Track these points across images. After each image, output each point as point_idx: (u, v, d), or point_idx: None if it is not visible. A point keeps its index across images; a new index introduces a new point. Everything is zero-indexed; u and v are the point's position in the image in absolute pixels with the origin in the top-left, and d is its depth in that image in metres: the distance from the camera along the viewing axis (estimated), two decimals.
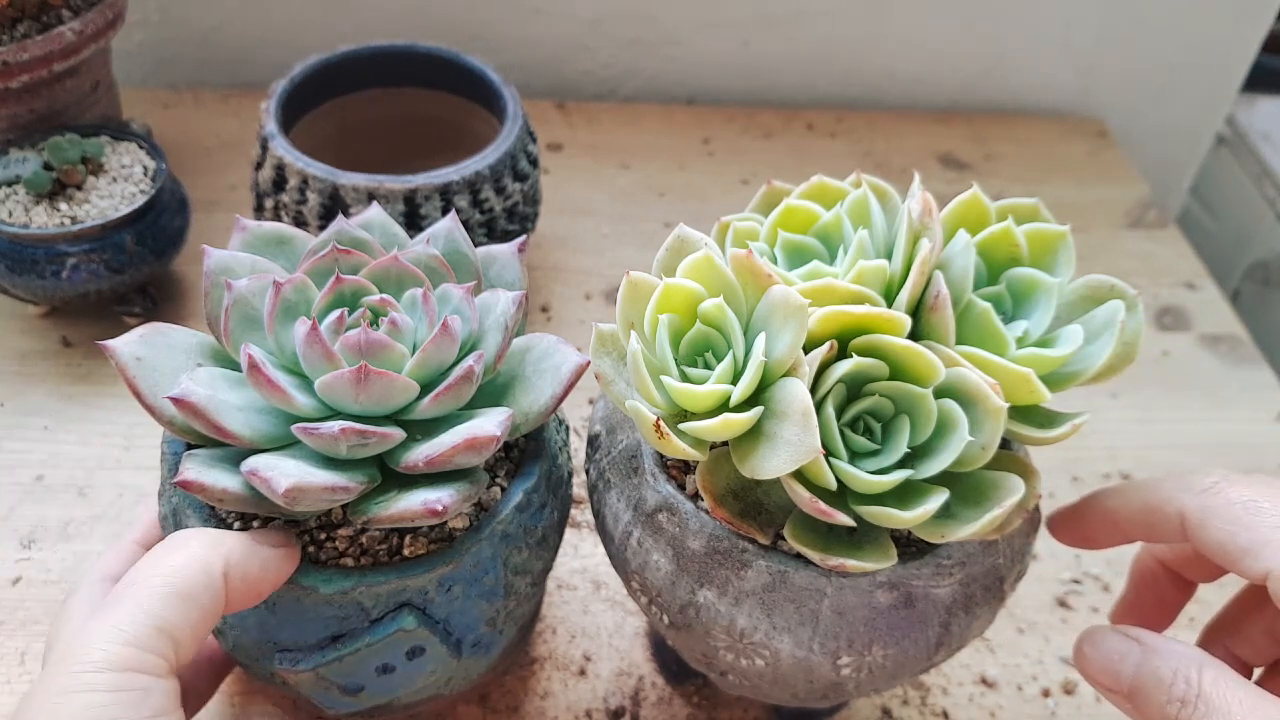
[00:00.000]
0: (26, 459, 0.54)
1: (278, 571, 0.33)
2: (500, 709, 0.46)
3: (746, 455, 0.33)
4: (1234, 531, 0.32)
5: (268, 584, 0.33)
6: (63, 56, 0.57)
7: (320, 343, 0.33)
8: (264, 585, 0.32)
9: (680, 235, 0.36)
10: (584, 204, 0.73)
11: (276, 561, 0.33)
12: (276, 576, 0.33)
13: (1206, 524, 0.33)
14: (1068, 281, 0.37)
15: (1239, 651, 0.38)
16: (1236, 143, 0.92)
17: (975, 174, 0.80)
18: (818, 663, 0.35)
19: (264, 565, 0.32)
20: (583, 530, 0.54)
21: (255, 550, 0.32)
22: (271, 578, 0.33)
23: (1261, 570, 0.32)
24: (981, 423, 0.32)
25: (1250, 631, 0.37)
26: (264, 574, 0.32)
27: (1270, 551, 0.31)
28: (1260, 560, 0.32)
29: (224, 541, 0.32)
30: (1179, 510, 0.34)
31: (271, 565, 0.33)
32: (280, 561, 0.33)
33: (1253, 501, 0.33)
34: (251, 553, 0.32)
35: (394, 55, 0.63)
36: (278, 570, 0.33)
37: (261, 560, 0.32)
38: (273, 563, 0.33)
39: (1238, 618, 0.38)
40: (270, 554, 0.33)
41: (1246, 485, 0.34)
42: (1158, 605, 0.40)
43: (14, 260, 0.54)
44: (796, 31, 0.82)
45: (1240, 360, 0.68)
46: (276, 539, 0.33)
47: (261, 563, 0.32)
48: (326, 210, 0.54)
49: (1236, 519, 0.32)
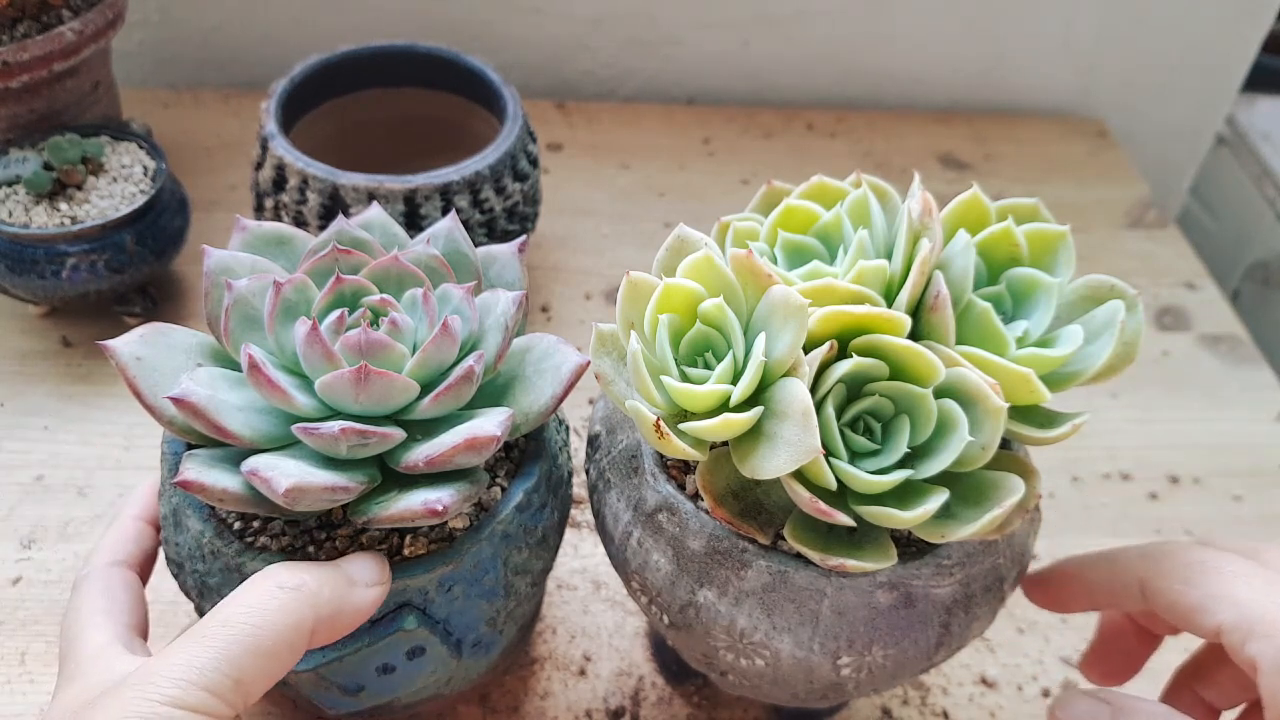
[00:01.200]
0: (26, 459, 0.54)
1: (365, 614, 0.32)
2: (500, 709, 0.46)
3: (746, 455, 0.33)
4: (1184, 590, 0.33)
5: (352, 626, 0.32)
6: (63, 56, 0.57)
7: (320, 343, 0.33)
8: (350, 629, 0.32)
9: (680, 235, 0.36)
10: (584, 204, 0.73)
11: (368, 605, 0.32)
12: (362, 618, 0.32)
13: (1160, 587, 0.34)
14: (1068, 281, 0.37)
15: (1207, 696, 0.38)
16: (1236, 143, 0.92)
17: (975, 174, 0.80)
18: (818, 663, 0.35)
19: (357, 612, 0.32)
20: (583, 530, 0.54)
21: (349, 599, 0.31)
22: (359, 620, 0.32)
23: (1213, 625, 0.33)
24: (981, 423, 0.32)
25: (1216, 678, 0.38)
26: (356, 620, 0.32)
27: (1219, 605, 0.32)
28: (1211, 615, 0.33)
29: (320, 594, 0.31)
30: (1138, 578, 0.35)
31: (363, 609, 0.32)
32: (371, 605, 0.32)
33: (1201, 562, 0.34)
34: (344, 602, 0.31)
35: (394, 55, 0.63)
36: (366, 613, 0.32)
37: (354, 609, 0.32)
38: (366, 608, 0.32)
39: (1204, 665, 0.38)
40: (365, 600, 0.32)
41: (1199, 549, 0.35)
42: (1125, 657, 0.41)
43: (14, 260, 0.54)
44: (796, 31, 0.82)
45: (1240, 360, 0.68)
46: (372, 575, 0.33)
47: (355, 611, 0.32)
48: (326, 210, 0.54)
49: (1187, 579, 0.34)
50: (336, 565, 0.33)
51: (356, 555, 0.33)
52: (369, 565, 0.33)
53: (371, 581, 0.33)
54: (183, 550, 0.36)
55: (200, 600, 0.37)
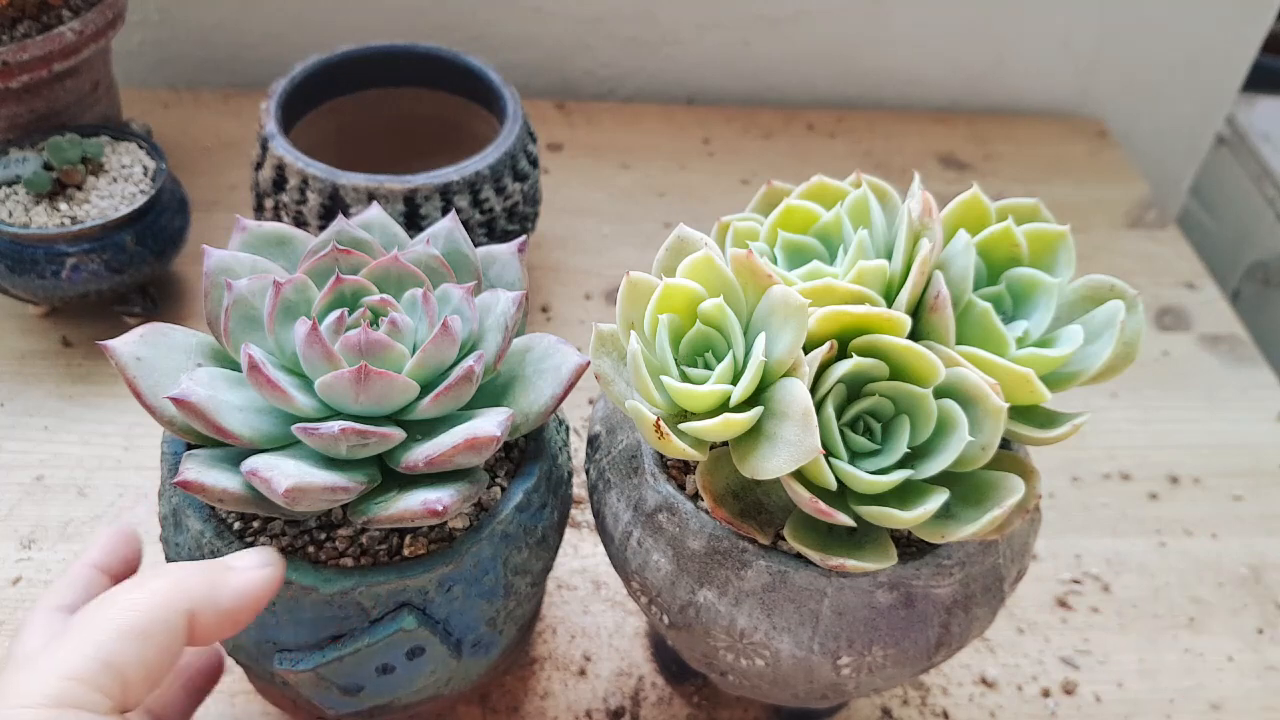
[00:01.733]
0: (26, 459, 0.54)
1: (256, 597, 0.31)
2: (500, 709, 0.46)
3: (746, 455, 0.33)
4: None
5: (246, 611, 0.31)
6: (63, 56, 0.57)
7: (320, 343, 0.33)
8: (242, 614, 0.31)
9: (680, 235, 0.36)
10: (584, 204, 0.73)
11: (253, 587, 0.31)
12: (255, 602, 0.32)
13: None
14: (1068, 281, 0.37)
15: None
16: (1236, 143, 0.92)
17: (975, 174, 0.80)
18: (818, 663, 0.35)
19: (237, 594, 0.31)
20: (583, 530, 0.54)
21: (224, 582, 0.31)
22: (250, 604, 0.31)
23: None
24: (981, 423, 0.32)
25: None
26: (239, 602, 0.31)
27: None
28: None
29: (189, 579, 0.30)
30: None
31: (247, 592, 0.31)
32: (258, 586, 0.32)
33: None
34: (218, 585, 0.31)
35: (394, 55, 0.63)
36: (256, 595, 0.31)
37: (233, 591, 0.31)
38: (249, 589, 0.31)
39: None
40: (244, 581, 0.31)
41: None
42: None
43: (14, 260, 0.54)
44: (796, 31, 0.82)
45: (1240, 360, 0.68)
46: (253, 560, 0.32)
47: (234, 593, 0.31)
48: (326, 210, 0.54)
49: None
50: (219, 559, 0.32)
51: (241, 551, 0.33)
52: (252, 552, 0.33)
53: (254, 565, 0.32)
54: (183, 550, 0.36)
55: None
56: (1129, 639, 0.51)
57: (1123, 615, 0.52)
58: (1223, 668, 0.51)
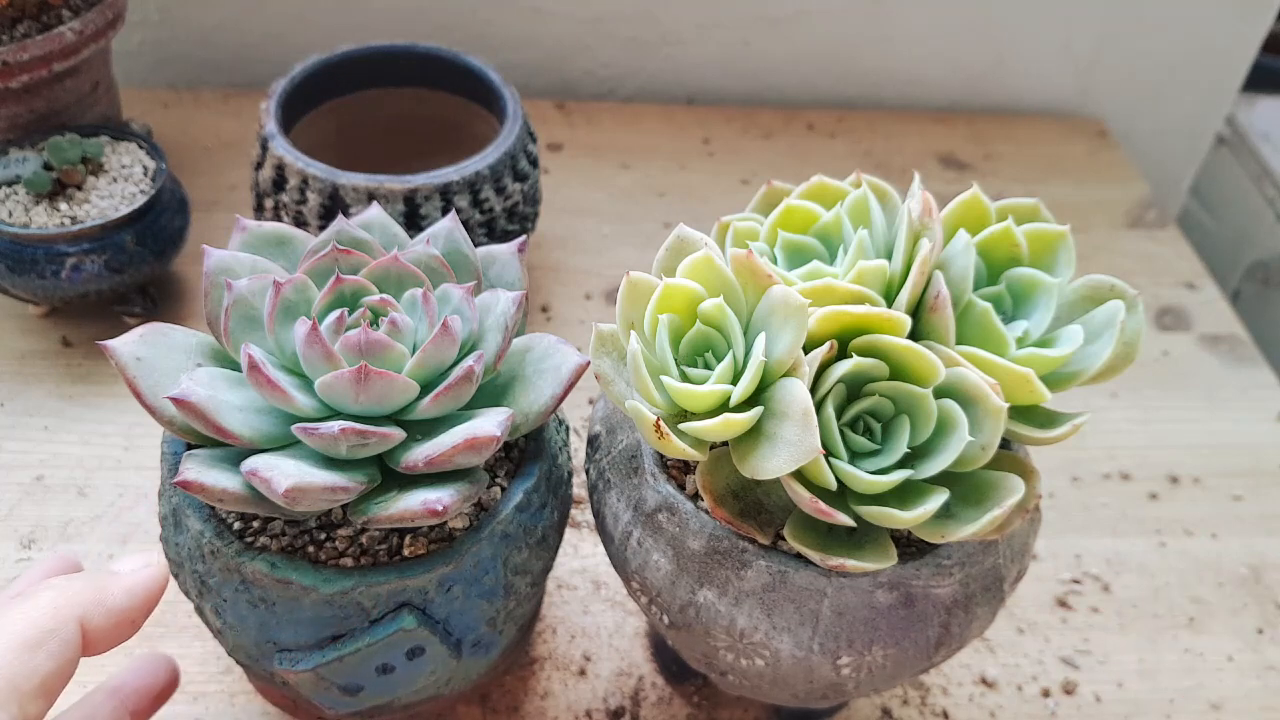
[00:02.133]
0: (26, 459, 0.54)
1: (146, 595, 0.31)
2: (500, 709, 0.46)
3: (746, 455, 0.33)
4: None
5: (138, 610, 0.31)
6: (63, 56, 0.57)
7: (320, 343, 0.33)
8: (134, 613, 0.31)
9: (680, 235, 0.36)
10: (584, 204, 0.73)
11: (140, 585, 0.31)
12: (146, 600, 0.31)
13: None
14: (1068, 281, 0.37)
15: None
16: (1236, 143, 0.92)
17: (975, 174, 0.80)
18: (818, 663, 0.35)
19: (127, 593, 0.31)
20: (583, 530, 0.54)
21: (110, 585, 0.31)
22: (141, 602, 0.31)
23: None
24: (981, 423, 0.32)
25: None
26: (129, 600, 0.31)
27: None
28: None
29: (74, 588, 0.30)
30: None
31: (135, 590, 0.31)
32: (145, 584, 0.31)
33: None
34: (105, 589, 0.31)
35: (394, 55, 0.63)
36: (146, 592, 0.31)
37: (122, 590, 0.31)
38: (136, 587, 0.31)
39: None
40: (130, 581, 0.31)
41: None
42: None
43: (14, 260, 0.54)
44: (796, 31, 0.82)
45: (1240, 360, 0.68)
46: (136, 562, 0.32)
47: (123, 592, 0.31)
48: (326, 210, 0.54)
49: None
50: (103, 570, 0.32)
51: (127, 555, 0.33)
52: (132, 556, 0.32)
53: (137, 566, 0.32)
54: (183, 550, 0.36)
55: (200, 600, 0.37)
56: (1129, 639, 0.51)
57: (1123, 615, 0.52)
58: (1223, 668, 0.51)
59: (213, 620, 0.37)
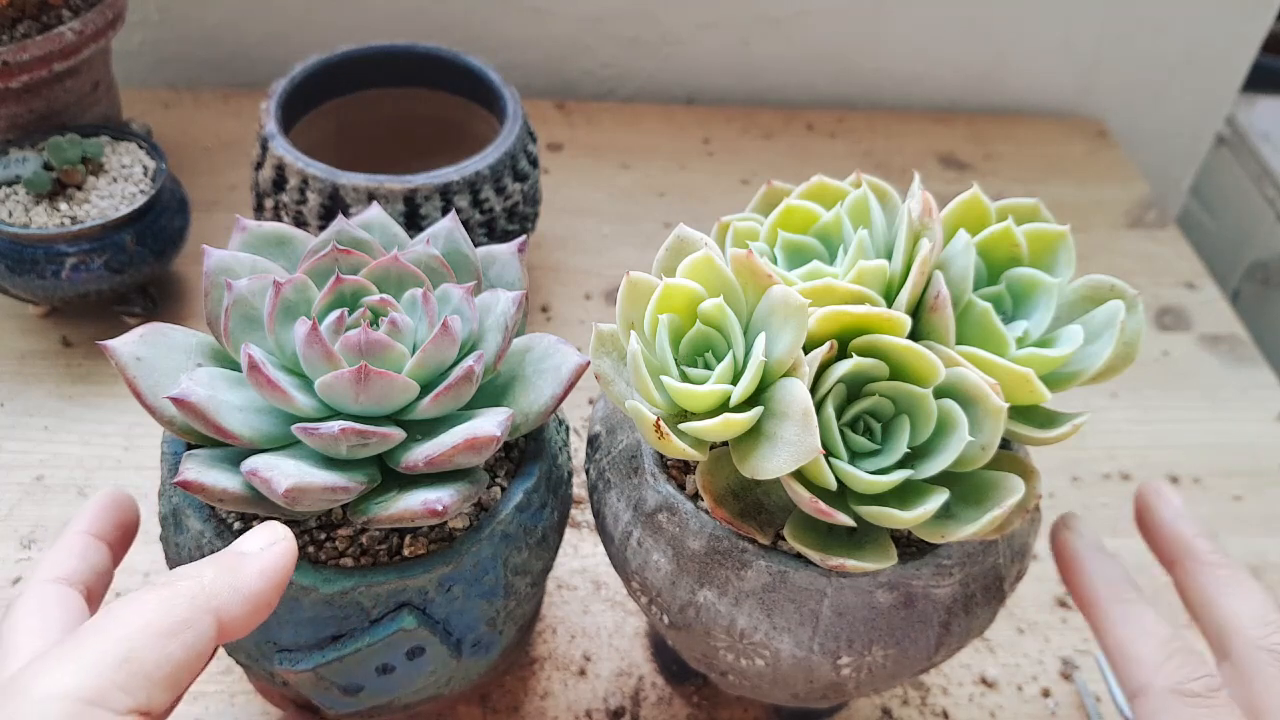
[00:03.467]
0: (26, 459, 0.54)
1: (278, 574, 0.30)
2: (500, 709, 0.46)
3: (746, 455, 0.33)
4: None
5: (272, 592, 0.30)
6: (63, 56, 0.57)
7: (320, 343, 0.33)
8: (268, 595, 0.30)
9: (680, 235, 0.36)
10: (584, 204, 0.73)
11: (272, 565, 0.30)
12: (279, 581, 0.30)
13: None
14: (1068, 281, 0.37)
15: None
16: (1236, 143, 0.92)
17: (975, 174, 0.80)
18: (818, 663, 0.35)
19: (260, 575, 0.30)
20: (583, 530, 0.54)
21: (243, 569, 0.30)
22: (274, 584, 0.30)
23: None
24: (981, 423, 0.32)
25: None
26: (263, 583, 0.30)
27: None
28: None
29: (211, 577, 0.29)
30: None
31: (267, 572, 0.30)
32: (277, 563, 0.30)
33: None
34: (239, 574, 0.30)
35: (394, 55, 0.63)
36: (278, 572, 0.30)
37: (256, 573, 0.30)
38: (268, 568, 0.30)
39: None
40: (262, 563, 0.30)
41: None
42: None
43: (14, 260, 0.54)
44: (796, 31, 0.82)
45: (1240, 360, 0.68)
46: (263, 538, 0.31)
47: (257, 575, 0.30)
48: (326, 210, 0.54)
49: None
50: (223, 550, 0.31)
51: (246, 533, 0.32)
52: (259, 532, 0.31)
53: (265, 544, 0.31)
54: (183, 550, 0.36)
55: None
56: None
57: None
58: None
59: None
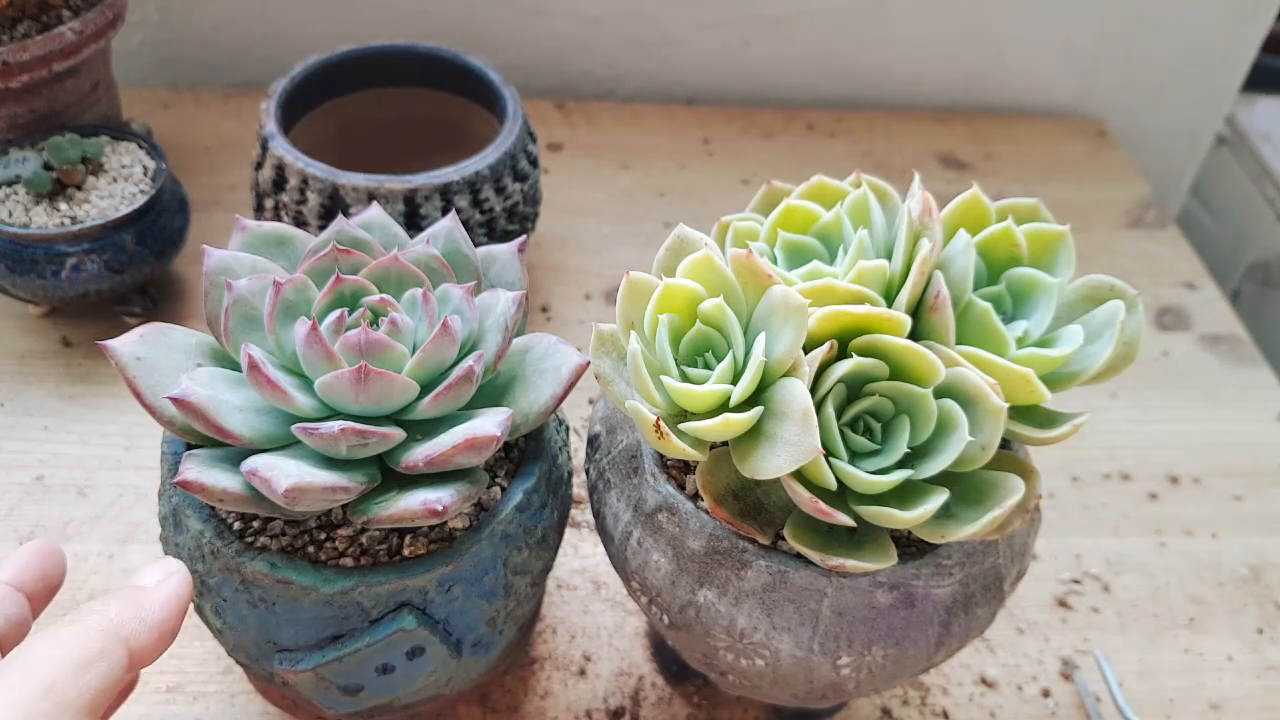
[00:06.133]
0: (26, 459, 0.54)
1: (179, 602, 0.31)
2: (500, 709, 0.46)
3: (746, 455, 0.33)
4: None
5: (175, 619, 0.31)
6: (63, 56, 0.57)
7: (320, 343, 0.33)
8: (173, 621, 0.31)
9: (680, 235, 0.36)
10: (584, 204, 0.73)
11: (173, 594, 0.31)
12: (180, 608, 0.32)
13: None
14: (1068, 281, 0.37)
15: None
16: (1236, 143, 0.92)
17: (975, 174, 0.80)
18: (818, 663, 0.35)
19: (164, 604, 0.31)
20: (583, 530, 0.54)
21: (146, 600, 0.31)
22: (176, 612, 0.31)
23: None
24: (981, 423, 0.32)
25: None
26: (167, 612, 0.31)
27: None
28: None
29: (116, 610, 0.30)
30: None
31: (171, 600, 0.31)
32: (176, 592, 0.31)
33: None
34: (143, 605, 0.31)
35: (394, 55, 0.63)
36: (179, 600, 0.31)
37: (159, 603, 0.31)
38: (170, 597, 0.31)
39: None
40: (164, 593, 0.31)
41: None
42: None
43: (14, 260, 0.54)
44: (796, 31, 0.82)
45: (1240, 360, 0.68)
46: (159, 572, 0.32)
47: (160, 604, 0.31)
48: (326, 210, 0.54)
49: None
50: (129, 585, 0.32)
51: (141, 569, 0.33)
52: (155, 566, 0.32)
53: (162, 575, 0.32)
54: (183, 550, 0.36)
55: (200, 600, 0.37)
56: (1129, 639, 0.51)
57: (1123, 615, 0.52)
58: (1223, 668, 0.51)
59: (213, 620, 0.37)
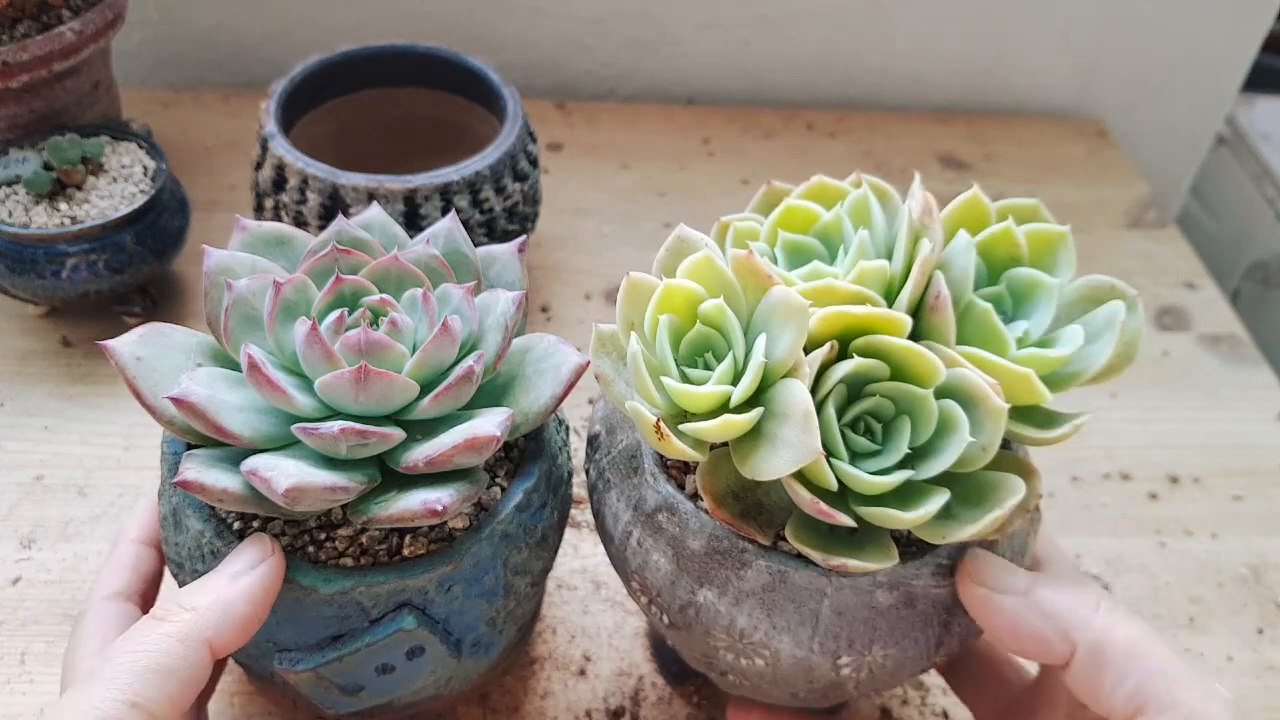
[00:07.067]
0: (26, 459, 0.54)
1: (266, 591, 0.32)
2: (500, 709, 0.46)
3: (747, 456, 0.33)
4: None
5: (264, 608, 0.32)
6: (63, 56, 0.57)
7: (320, 343, 0.33)
8: (261, 611, 0.32)
9: (680, 235, 0.36)
10: (584, 204, 0.73)
11: (262, 582, 0.32)
12: (267, 599, 0.33)
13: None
14: (1068, 281, 0.37)
15: None
16: (1236, 143, 0.92)
17: (975, 174, 0.80)
18: (818, 663, 0.35)
19: (250, 597, 0.32)
20: (583, 530, 0.54)
21: (232, 596, 0.32)
22: (261, 605, 0.32)
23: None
24: (982, 423, 0.32)
25: None
26: (251, 607, 0.32)
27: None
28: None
29: (203, 609, 0.31)
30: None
31: (257, 593, 0.32)
32: (263, 584, 0.32)
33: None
34: (229, 601, 0.32)
35: (394, 55, 0.63)
36: (266, 590, 0.32)
37: (245, 597, 0.32)
38: (259, 587, 0.32)
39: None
40: (248, 585, 0.32)
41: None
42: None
43: (14, 260, 0.54)
44: (796, 31, 0.82)
45: (1240, 360, 0.68)
46: (248, 559, 0.33)
47: (244, 598, 0.32)
48: (326, 210, 0.54)
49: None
50: (216, 570, 0.33)
51: (236, 550, 0.34)
52: (245, 551, 0.33)
53: (250, 565, 0.33)
54: (183, 550, 0.36)
55: None
56: None
57: None
58: (1223, 668, 0.51)
59: None
